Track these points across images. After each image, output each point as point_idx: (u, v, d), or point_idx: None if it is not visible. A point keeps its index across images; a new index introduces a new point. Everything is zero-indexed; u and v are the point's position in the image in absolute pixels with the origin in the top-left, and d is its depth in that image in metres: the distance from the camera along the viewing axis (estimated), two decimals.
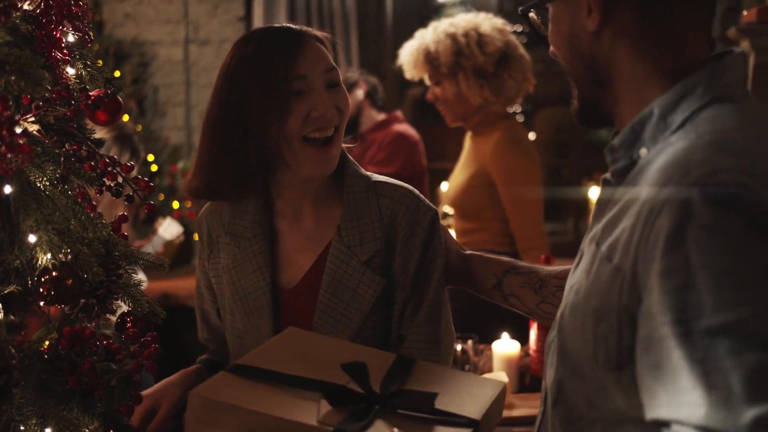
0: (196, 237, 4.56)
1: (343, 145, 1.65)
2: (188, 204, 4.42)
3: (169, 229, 3.51)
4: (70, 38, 1.38)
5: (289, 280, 1.63)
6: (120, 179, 1.31)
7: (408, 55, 2.99)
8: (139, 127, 4.35)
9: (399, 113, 3.76)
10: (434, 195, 3.98)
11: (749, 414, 0.82)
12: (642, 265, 0.92)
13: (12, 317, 1.23)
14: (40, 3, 1.32)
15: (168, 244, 3.53)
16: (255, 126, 1.53)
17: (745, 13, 3.42)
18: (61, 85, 1.30)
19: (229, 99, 1.55)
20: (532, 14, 1.15)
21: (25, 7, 1.32)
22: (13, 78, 1.06)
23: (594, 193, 4.28)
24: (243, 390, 1.24)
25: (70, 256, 1.21)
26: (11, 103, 1.04)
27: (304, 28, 1.61)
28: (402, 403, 1.24)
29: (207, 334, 1.78)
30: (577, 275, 1.06)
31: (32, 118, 1.24)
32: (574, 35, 1.08)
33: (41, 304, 1.26)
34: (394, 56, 3.17)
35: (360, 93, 3.69)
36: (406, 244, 1.58)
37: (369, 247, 1.58)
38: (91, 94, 1.37)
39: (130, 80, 4.51)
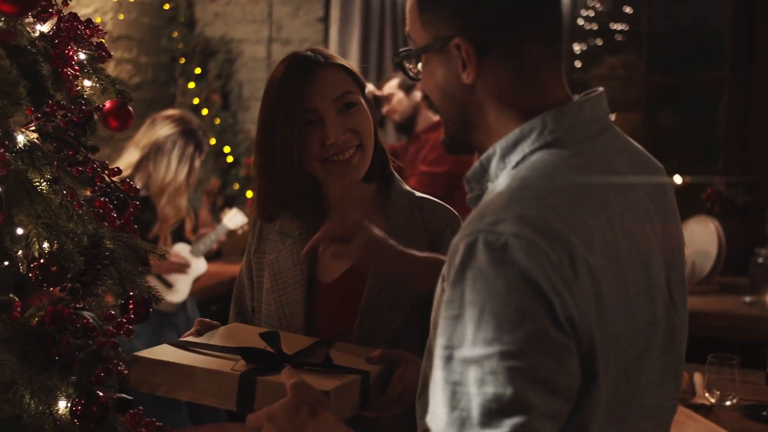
0: None
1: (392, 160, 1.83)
2: None
3: (233, 219, 3.74)
4: (82, 56, 1.58)
5: (327, 275, 1.77)
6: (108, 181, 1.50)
7: None
8: (218, 121, 4.63)
9: None
10: None
11: None
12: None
13: (8, 296, 1.45)
14: (53, 26, 1.54)
15: (231, 233, 3.76)
16: (281, 150, 1.68)
17: None
18: (72, 101, 1.52)
19: (264, 124, 1.72)
20: (405, 63, 1.22)
21: (43, 29, 1.54)
22: None
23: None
24: (175, 354, 1.51)
25: (56, 247, 1.41)
26: None
27: (321, 56, 1.71)
28: (303, 358, 1.47)
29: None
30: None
31: (33, 128, 1.45)
32: (449, 85, 1.15)
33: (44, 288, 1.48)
34: None
35: (418, 94, 3.83)
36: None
37: None
38: (105, 104, 1.58)
39: (213, 75, 4.78)
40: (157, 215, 3.37)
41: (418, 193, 1.81)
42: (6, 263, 1.49)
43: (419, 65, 1.20)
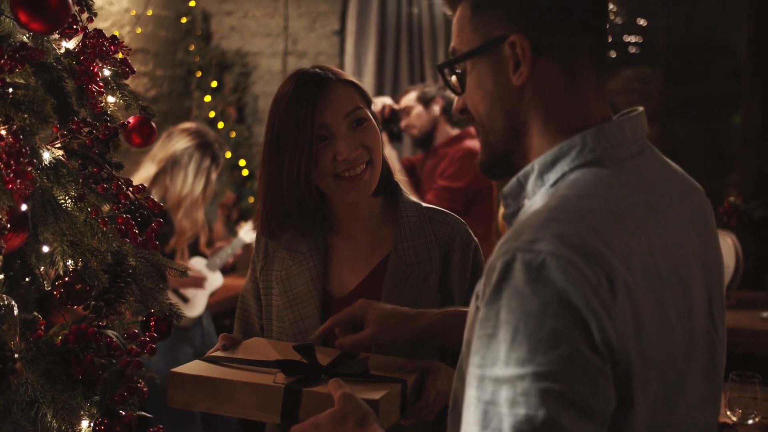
0: None
1: (399, 177, 1.84)
2: None
3: (249, 233, 3.73)
4: (106, 72, 1.58)
5: (340, 289, 1.78)
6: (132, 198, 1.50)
7: None
8: (233, 134, 4.63)
9: (472, 129, 3.86)
10: None
11: None
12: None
13: (33, 314, 1.44)
14: (78, 43, 1.54)
15: (247, 247, 3.75)
16: (288, 166, 1.69)
17: None
18: (96, 118, 1.52)
19: (272, 140, 1.72)
20: (448, 72, 1.21)
21: (68, 45, 1.54)
22: (26, 116, 1.26)
23: None
24: (210, 368, 1.50)
25: (80, 264, 1.41)
26: (21, 137, 1.24)
27: (330, 72, 1.72)
28: (341, 369, 1.48)
29: None
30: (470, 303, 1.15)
31: (58, 145, 1.45)
32: (498, 89, 1.13)
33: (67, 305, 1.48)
34: None
35: (436, 108, 3.82)
36: (461, 264, 1.74)
37: (425, 266, 1.73)
38: (129, 120, 1.58)
39: (230, 88, 4.79)
40: (174, 229, 3.37)
41: (425, 204, 1.82)
42: (27, 279, 1.49)
43: (457, 77, 1.19)
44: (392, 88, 4.65)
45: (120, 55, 1.57)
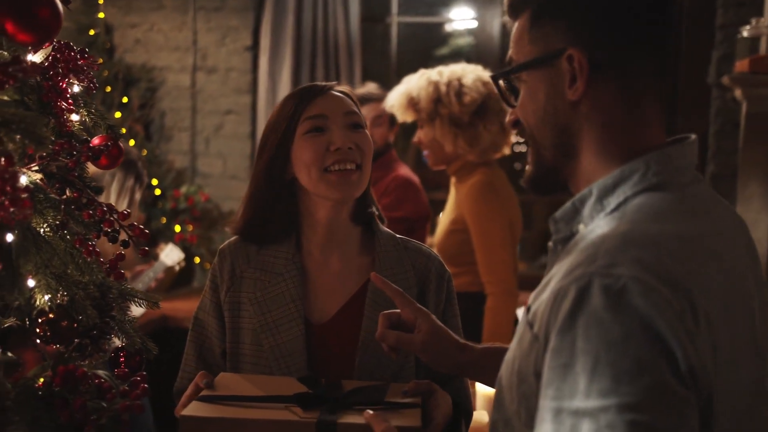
0: (196, 260, 4.64)
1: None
2: (190, 227, 4.50)
3: (170, 255, 3.56)
4: (75, 88, 1.46)
5: (319, 316, 1.73)
6: (117, 225, 1.39)
7: (395, 98, 3.11)
8: (144, 152, 4.44)
9: (394, 152, 3.82)
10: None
11: None
12: (549, 339, 0.97)
13: (10, 355, 1.30)
14: (48, 56, 1.41)
15: (168, 270, 3.59)
16: (267, 158, 1.71)
17: (737, 62, 3.49)
18: (63, 137, 1.39)
19: (262, 143, 1.75)
20: (501, 82, 1.18)
21: (35, 59, 1.41)
22: (18, 137, 1.14)
23: None
24: (221, 408, 1.40)
25: (66, 299, 1.28)
26: (15, 160, 1.12)
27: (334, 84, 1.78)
28: (359, 399, 1.44)
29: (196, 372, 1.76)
30: (518, 329, 1.10)
31: (36, 168, 1.32)
32: (550, 104, 1.10)
33: (38, 342, 1.34)
34: None
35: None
36: (436, 294, 1.75)
37: None
38: (93, 140, 1.46)
39: (137, 105, 4.60)
40: None
41: (398, 235, 1.81)
42: None
43: (511, 88, 1.16)
44: None
45: (93, 70, 1.46)
